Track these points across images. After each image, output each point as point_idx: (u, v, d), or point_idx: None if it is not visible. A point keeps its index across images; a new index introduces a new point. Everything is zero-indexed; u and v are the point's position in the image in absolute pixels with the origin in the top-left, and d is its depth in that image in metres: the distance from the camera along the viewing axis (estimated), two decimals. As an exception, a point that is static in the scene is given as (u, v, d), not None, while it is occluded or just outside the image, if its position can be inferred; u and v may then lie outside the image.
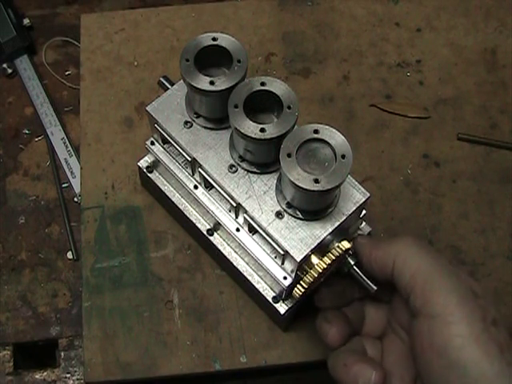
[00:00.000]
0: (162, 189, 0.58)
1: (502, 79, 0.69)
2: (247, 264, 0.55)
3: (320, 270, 0.47)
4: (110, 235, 0.61)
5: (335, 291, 0.49)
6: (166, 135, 0.52)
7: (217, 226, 0.55)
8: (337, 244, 0.48)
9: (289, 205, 0.48)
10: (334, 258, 0.47)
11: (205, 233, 0.56)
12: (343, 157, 0.44)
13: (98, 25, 0.70)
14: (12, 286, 0.63)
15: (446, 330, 0.39)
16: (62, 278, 0.64)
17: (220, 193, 0.50)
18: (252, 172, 0.50)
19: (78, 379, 0.61)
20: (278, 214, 0.48)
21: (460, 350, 0.39)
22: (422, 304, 0.41)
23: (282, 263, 0.50)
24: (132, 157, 0.62)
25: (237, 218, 0.52)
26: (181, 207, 0.57)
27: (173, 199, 0.57)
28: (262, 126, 0.45)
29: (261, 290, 0.54)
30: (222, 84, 0.47)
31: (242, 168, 0.50)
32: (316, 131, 0.45)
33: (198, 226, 0.56)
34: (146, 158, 0.59)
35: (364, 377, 0.44)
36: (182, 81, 0.52)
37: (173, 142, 0.51)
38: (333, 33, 0.71)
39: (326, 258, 0.47)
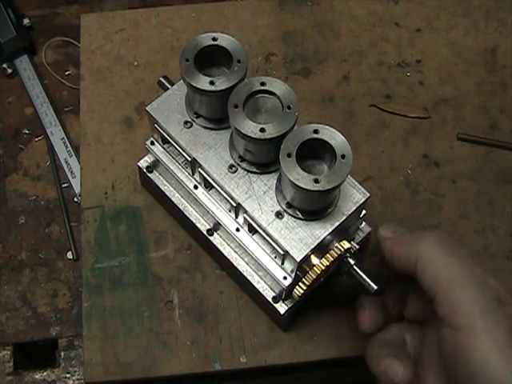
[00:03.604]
0: (162, 189, 0.58)
1: (502, 79, 0.69)
2: (247, 264, 0.55)
3: (320, 271, 0.47)
4: (110, 235, 0.61)
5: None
6: (165, 135, 0.52)
7: (217, 226, 0.55)
8: (336, 244, 0.48)
9: (289, 205, 0.48)
10: (333, 258, 0.47)
11: (205, 233, 0.56)
12: (343, 157, 0.44)
13: (98, 25, 0.70)
14: (12, 286, 0.63)
15: (469, 343, 0.38)
16: (61, 278, 0.64)
17: (220, 193, 0.50)
18: (252, 172, 0.50)
19: (77, 379, 0.61)
20: (278, 214, 0.48)
21: (483, 364, 0.37)
22: (444, 313, 0.40)
23: (282, 263, 0.50)
24: (132, 157, 0.62)
25: (237, 217, 0.52)
26: (181, 207, 0.57)
27: (173, 199, 0.57)
28: (261, 125, 0.45)
29: (261, 290, 0.54)
30: (221, 84, 0.47)
31: (242, 168, 0.50)
32: (316, 131, 0.45)
33: (198, 226, 0.56)
34: (146, 157, 0.59)
35: (392, 372, 0.44)
36: (182, 81, 0.52)
37: (173, 142, 0.52)
38: (333, 33, 0.71)
39: (325, 258, 0.47)
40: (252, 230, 0.51)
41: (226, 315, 0.58)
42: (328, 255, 0.47)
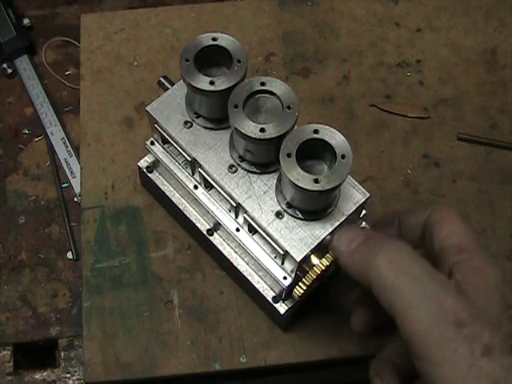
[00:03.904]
0: (162, 189, 0.58)
1: (502, 79, 0.69)
2: (247, 264, 0.55)
3: (320, 271, 0.47)
4: (110, 235, 0.61)
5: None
6: (165, 135, 0.52)
7: (217, 226, 0.55)
8: (337, 244, 0.48)
9: (289, 205, 0.48)
10: (333, 258, 0.47)
11: (205, 233, 0.56)
12: (343, 157, 0.44)
13: (98, 25, 0.70)
14: (12, 286, 0.63)
15: (432, 372, 0.36)
16: (61, 278, 0.64)
17: (220, 193, 0.50)
18: (252, 172, 0.50)
19: (78, 379, 0.61)
20: (278, 214, 0.48)
21: None
22: (406, 340, 0.37)
23: (282, 263, 0.50)
24: (132, 157, 0.62)
25: (237, 217, 0.52)
26: (181, 207, 0.57)
27: (173, 199, 0.57)
28: (261, 125, 0.45)
29: (261, 290, 0.54)
30: (221, 84, 0.47)
31: (242, 168, 0.50)
32: (316, 131, 0.45)
33: (198, 226, 0.56)
34: (146, 157, 0.59)
35: None
36: (181, 81, 0.52)
37: (173, 142, 0.52)
38: (333, 33, 0.71)
39: (325, 258, 0.47)
40: (252, 230, 0.51)
41: (226, 315, 0.58)
42: (328, 255, 0.47)
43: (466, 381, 0.35)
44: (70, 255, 0.65)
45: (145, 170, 0.59)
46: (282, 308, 0.53)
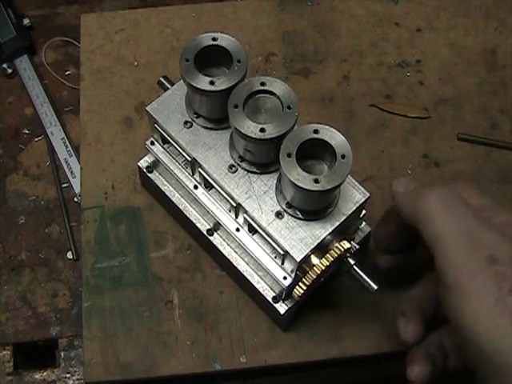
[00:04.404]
0: (162, 189, 0.58)
1: (502, 79, 0.69)
2: (247, 264, 0.55)
3: (320, 271, 0.47)
4: (110, 235, 0.61)
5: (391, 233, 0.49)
6: (165, 135, 0.52)
7: (217, 226, 0.55)
8: (336, 244, 0.48)
9: (289, 205, 0.48)
10: (333, 258, 0.47)
11: (205, 233, 0.56)
12: (343, 157, 0.44)
13: (97, 25, 0.70)
14: (12, 286, 0.63)
15: (458, 304, 0.38)
16: (61, 278, 0.64)
17: (220, 193, 0.50)
18: (252, 172, 0.50)
19: (78, 379, 0.61)
20: (278, 214, 0.48)
21: (472, 325, 0.37)
22: (439, 271, 0.39)
23: (282, 263, 0.50)
24: (132, 157, 0.62)
25: (237, 218, 0.52)
26: (181, 207, 0.57)
27: (173, 199, 0.57)
28: (261, 125, 0.45)
29: (261, 290, 0.54)
30: (221, 84, 0.47)
31: (242, 168, 0.50)
32: (316, 131, 0.45)
33: (198, 226, 0.56)
34: (146, 157, 0.59)
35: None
36: (181, 81, 0.52)
37: (173, 142, 0.52)
38: (333, 33, 0.71)
39: (325, 258, 0.47)
40: (252, 230, 0.51)
41: (226, 315, 0.58)
42: (328, 255, 0.47)
43: (491, 314, 0.36)
44: (69, 255, 0.65)
45: (145, 170, 0.59)
46: (282, 308, 0.53)
